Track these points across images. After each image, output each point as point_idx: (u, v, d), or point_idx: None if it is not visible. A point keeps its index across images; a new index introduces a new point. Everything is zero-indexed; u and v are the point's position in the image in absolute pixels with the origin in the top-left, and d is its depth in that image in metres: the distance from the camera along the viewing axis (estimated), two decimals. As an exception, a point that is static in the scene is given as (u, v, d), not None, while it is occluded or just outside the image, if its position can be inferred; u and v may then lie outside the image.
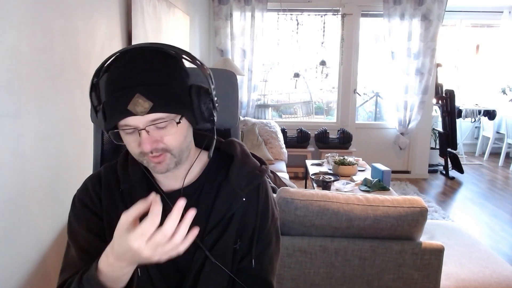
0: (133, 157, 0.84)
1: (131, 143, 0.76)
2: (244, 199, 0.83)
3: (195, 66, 0.79)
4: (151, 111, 0.70)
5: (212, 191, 0.85)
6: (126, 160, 0.87)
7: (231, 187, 0.83)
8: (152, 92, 0.71)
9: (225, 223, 0.82)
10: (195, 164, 0.85)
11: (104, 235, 0.83)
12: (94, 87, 0.79)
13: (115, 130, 0.75)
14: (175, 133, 0.75)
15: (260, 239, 0.86)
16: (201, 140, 0.88)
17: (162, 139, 0.74)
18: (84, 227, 0.83)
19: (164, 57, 0.75)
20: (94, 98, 0.79)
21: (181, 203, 0.64)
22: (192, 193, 0.85)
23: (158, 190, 0.85)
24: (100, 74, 0.78)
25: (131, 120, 0.72)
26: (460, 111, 5.34)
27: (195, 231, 0.66)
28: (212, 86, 0.79)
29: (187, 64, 0.81)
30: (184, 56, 0.79)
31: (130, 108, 0.69)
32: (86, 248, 0.82)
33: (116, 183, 0.85)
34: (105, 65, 0.77)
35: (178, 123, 0.74)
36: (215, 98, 0.80)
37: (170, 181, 0.85)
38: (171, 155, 0.76)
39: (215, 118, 0.81)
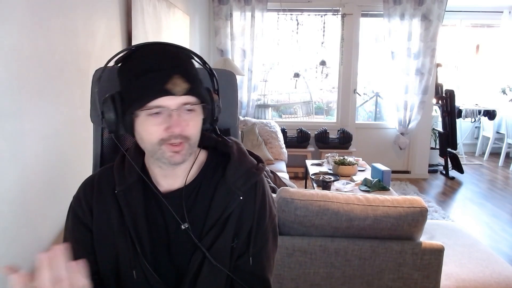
0: (130, 158, 0.84)
1: (153, 127, 0.75)
2: (241, 198, 0.83)
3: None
4: (187, 93, 0.74)
5: (209, 191, 0.84)
6: (123, 161, 0.86)
7: (228, 186, 0.83)
8: (189, 76, 0.75)
9: (223, 222, 0.82)
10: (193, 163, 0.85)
11: (92, 248, 0.83)
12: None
13: (142, 110, 0.74)
14: (196, 121, 0.78)
15: (258, 237, 0.86)
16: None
17: (188, 124, 0.76)
18: (73, 239, 0.84)
19: (187, 53, 0.82)
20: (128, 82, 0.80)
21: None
22: (190, 193, 0.84)
23: (154, 191, 0.84)
24: (125, 61, 0.80)
25: (164, 101, 0.73)
26: (460, 111, 5.34)
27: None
28: (217, 89, 0.88)
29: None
30: (197, 60, 0.85)
31: (169, 88, 0.72)
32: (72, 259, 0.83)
33: (110, 186, 0.84)
34: (118, 55, 0.80)
35: (209, 108, 0.82)
36: (220, 103, 0.87)
37: (169, 180, 0.85)
38: (188, 146, 0.77)
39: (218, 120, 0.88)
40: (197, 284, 0.81)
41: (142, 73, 0.74)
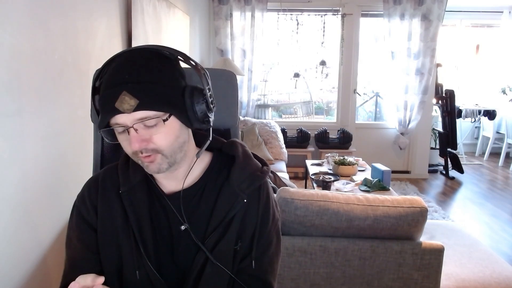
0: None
1: (123, 142, 0.76)
2: (245, 200, 0.83)
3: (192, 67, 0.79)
4: (138, 108, 0.70)
5: (214, 193, 0.84)
6: (127, 161, 0.86)
7: (232, 188, 0.83)
8: (139, 90, 0.70)
9: (226, 224, 0.82)
10: (196, 165, 0.85)
11: (96, 248, 0.83)
12: (95, 90, 0.79)
13: (109, 128, 0.75)
14: (165, 132, 0.74)
15: (261, 241, 0.85)
16: (202, 140, 0.88)
17: (151, 139, 0.73)
18: (77, 237, 0.84)
19: (158, 57, 0.75)
20: (96, 100, 0.80)
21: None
22: (194, 195, 0.84)
23: (159, 192, 0.84)
24: (99, 77, 0.78)
25: (119, 118, 0.72)
26: (460, 111, 5.34)
27: None
28: (208, 86, 0.78)
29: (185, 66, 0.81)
30: (178, 56, 0.78)
31: (117, 106, 0.70)
32: (76, 258, 0.84)
33: (115, 186, 0.84)
34: (104, 68, 0.78)
35: (165, 120, 0.73)
36: (211, 99, 0.78)
37: (171, 182, 0.84)
38: (162, 156, 0.75)
39: (211, 119, 0.79)
40: (199, 285, 0.81)
41: (102, 90, 0.74)
